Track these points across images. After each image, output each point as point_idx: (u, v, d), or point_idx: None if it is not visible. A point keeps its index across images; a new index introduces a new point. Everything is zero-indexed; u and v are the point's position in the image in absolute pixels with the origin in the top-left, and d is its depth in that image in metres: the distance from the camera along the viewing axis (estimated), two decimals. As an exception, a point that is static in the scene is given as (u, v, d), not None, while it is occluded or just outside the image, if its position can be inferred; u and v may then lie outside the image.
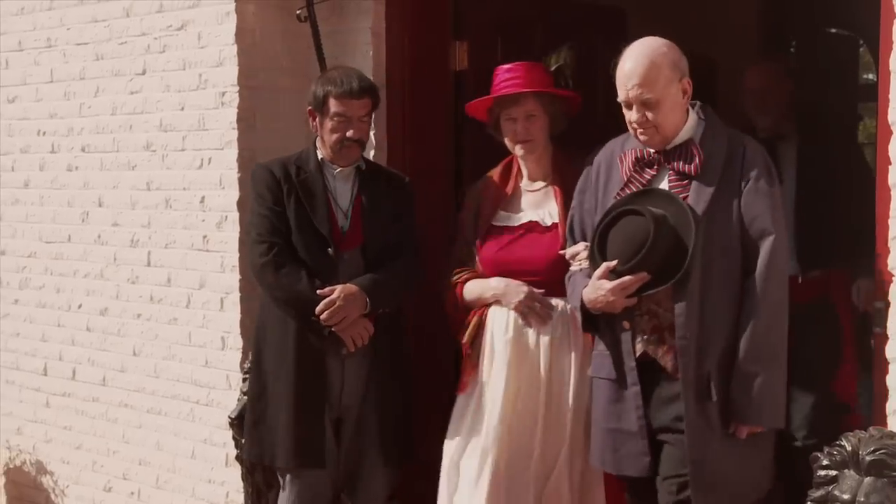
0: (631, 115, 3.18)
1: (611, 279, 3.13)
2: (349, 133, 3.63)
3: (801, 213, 4.21)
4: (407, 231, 3.77)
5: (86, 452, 4.99)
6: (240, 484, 4.11)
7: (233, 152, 4.28)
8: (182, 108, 4.47)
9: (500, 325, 3.57)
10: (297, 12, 4.16)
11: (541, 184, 3.66)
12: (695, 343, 3.09)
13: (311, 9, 4.12)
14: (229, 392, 4.27)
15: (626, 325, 3.20)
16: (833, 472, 2.70)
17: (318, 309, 3.54)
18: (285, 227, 3.66)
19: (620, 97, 3.17)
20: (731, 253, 3.11)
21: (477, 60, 4.74)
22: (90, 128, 4.83)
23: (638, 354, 3.19)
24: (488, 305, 3.62)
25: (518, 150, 3.62)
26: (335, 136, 3.66)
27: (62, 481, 5.12)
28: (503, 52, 4.96)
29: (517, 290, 3.54)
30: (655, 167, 3.23)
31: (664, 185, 3.20)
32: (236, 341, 4.27)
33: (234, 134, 4.27)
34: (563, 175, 3.59)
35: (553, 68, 3.72)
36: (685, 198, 3.13)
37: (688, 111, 3.23)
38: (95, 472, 4.96)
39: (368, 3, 4.24)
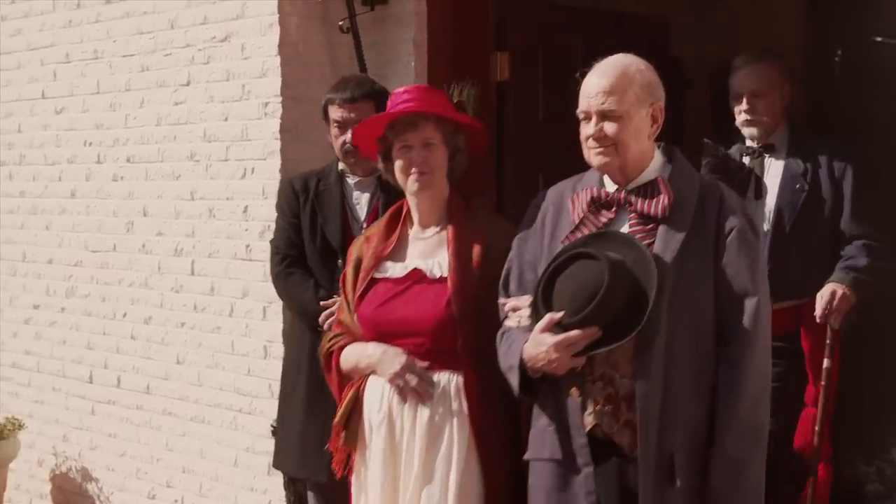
0: (587, 129, 2.72)
1: (555, 333, 2.61)
2: (347, 138, 3.56)
3: (777, 235, 3.84)
4: None
5: (130, 460, 5.04)
6: (282, 493, 4.12)
7: (275, 163, 4.31)
8: (225, 119, 4.51)
9: (374, 402, 3.03)
10: (340, 23, 4.19)
11: (433, 230, 3.10)
12: (657, 416, 2.59)
13: (354, 20, 4.15)
14: (271, 401, 4.29)
15: (574, 392, 2.67)
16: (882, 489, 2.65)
17: (320, 319, 3.54)
18: (300, 240, 3.71)
19: (580, 108, 2.74)
20: (702, 310, 2.65)
21: (519, 71, 4.75)
22: (135, 138, 4.88)
23: (591, 427, 2.66)
24: (367, 376, 3.08)
25: (411, 185, 3.05)
26: (337, 143, 3.66)
27: (107, 488, 5.17)
28: (545, 63, 4.97)
29: (393, 358, 2.97)
30: (614, 209, 2.74)
31: (624, 230, 2.72)
32: (279, 350, 4.29)
33: (277, 144, 4.30)
34: (459, 223, 3.06)
35: (455, 101, 3.23)
36: (650, 245, 2.65)
37: (654, 148, 2.79)
38: (140, 480, 5.00)
39: (410, 14, 4.25)
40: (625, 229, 2.71)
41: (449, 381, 2.95)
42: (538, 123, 4.98)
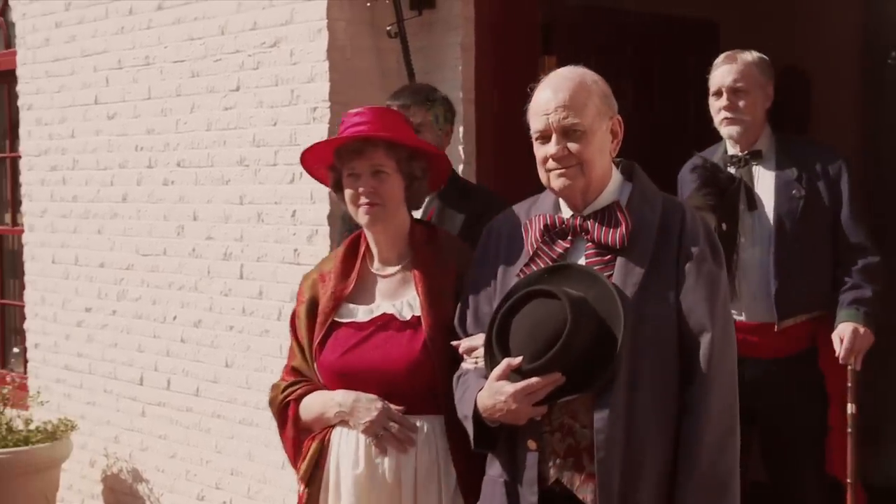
0: (547, 149, 2.46)
1: (513, 380, 2.36)
2: None
3: (781, 246, 3.58)
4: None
5: (180, 461, 5.08)
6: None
7: (324, 167, 4.33)
8: (274, 124, 4.53)
9: (347, 455, 2.72)
10: (388, 29, 4.20)
11: (396, 267, 2.82)
12: (619, 469, 2.34)
13: (402, 25, 4.15)
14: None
15: (531, 444, 2.41)
16: None
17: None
18: None
19: (535, 127, 2.48)
20: (666, 349, 2.38)
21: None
22: (186, 143, 4.93)
23: (551, 481, 2.41)
24: (332, 427, 2.77)
25: (361, 217, 2.76)
26: None
27: (157, 489, 5.22)
28: (593, 68, 4.94)
29: (368, 406, 2.69)
30: (570, 237, 2.49)
31: (581, 261, 2.47)
32: (326, 354, 4.30)
33: (325, 149, 4.32)
34: (425, 257, 2.79)
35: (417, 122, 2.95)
36: (608, 277, 2.41)
37: (612, 167, 2.52)
38: (189, 482, 5.04)
39: (458, 18, 4.25)
40: (581, 260, 2.47)
41: (432, 424, 2.69)
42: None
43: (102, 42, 5.32)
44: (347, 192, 2.77)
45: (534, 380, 2.34)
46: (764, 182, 3.66)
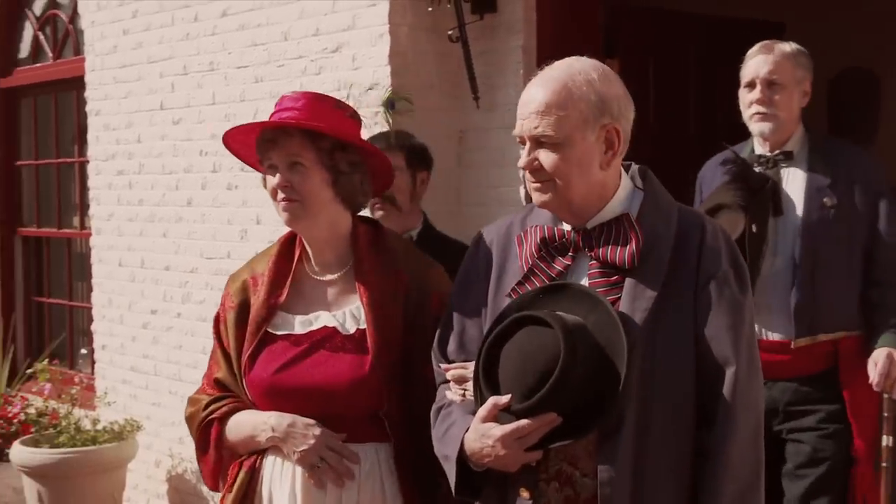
0: (522, 158, 2.16)
1: (502, 421, 2.05)
2: None
3: (806, 258, 3.29)
4: None
5: (242, 463, 5.12)
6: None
7: (385, 171, 4.34)
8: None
9: (282, 489, 2.41)
10: (449, 33, 4.20)
11: (336, 272, 2.49)
12: None
13: (463, 29, 4.15)
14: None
15: (524, 493, 2.10)
16: None
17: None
18: None
19: (515, 131, 2.18)
20: (683, 385, 2.07)
21: (628, 78, 4.68)
22: (249, 148, 4.97)
23: None
24: (262, 453, 2.46)
25: (283, 215, 2.44)
26: None
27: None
28: (655, 70, 4.91)
29: (305, 431, 2.37)
30: (570, 253, 2.16)
31: (583, 282, 2.14)
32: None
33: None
34: (370, 262, 2.46)
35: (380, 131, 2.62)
36: (615, 301, 2.08)
37: (620, 174, 2.19)
38: (251, 483, 5.08)
39: (520, 22, 4.24)
40: (584, 280, 2.14)
41: (377, 453, 2.39)
42: (648, 130, 4.92)
43: (168, 48, 5.39)
44: (268, 186, 2.46)
45: (524, 422, 2.02)
46: (793, 186, 3.36)
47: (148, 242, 5.62)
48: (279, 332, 2.46)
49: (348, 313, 2.44)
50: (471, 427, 2.11)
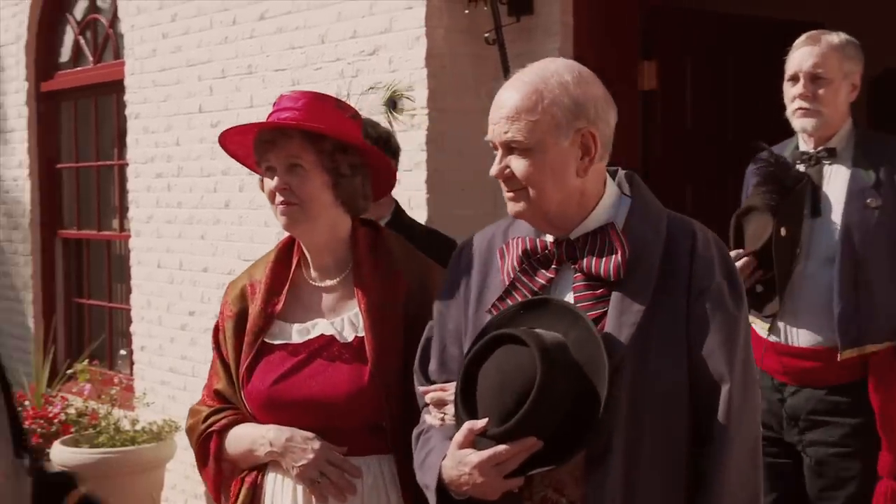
0: (493, 167, 2.06)
1: (480, 447, 1.93)
2: None
3: (847, 262, 3.10)
4: None
5: (279, 464, 5.15)
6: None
7: (421, 174, 4.35)
8: (373, 131, 4.57)
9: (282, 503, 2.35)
10: (486, 35, 4.20)
11: (335, 278, 2.41)
12: None
13: (500, 32, 4.15)
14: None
15: None
16: None
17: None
18: None
19: (486, 137, 2.10)
20: (672, 405, 1.95)
21: (666, 80, 4.67)
22: (287, 151, 4.99)
23: None
24: (263, 468, 2.40)
25: (279, 218, 2.37)
26: None
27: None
28: (693, 72, 4.88)
29: (304, 445, 2.29)
30: (554, 266, 2.04)
31: (568, 296, 2.02)
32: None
33: (423, 156, 4.34)
34: (369, 267, 2.38)
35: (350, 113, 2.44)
36: (601, 316, 1.97)
37: (604, 181, 2.07)
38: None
39: (557, 24, 4.23)
40: (569, 294, 2.01)
41: (380, 466, 2.31)
42: (687, 134, 4.89)
43: (206, 52, 5.43)
44: (266, 189, 2.38)
45: (501, 447, 1.89)
46: (835, 185, 3.18)
47: (186, 244, 5.66)
48: (276, 342, 2.39)
49: (346, 320, 2.36)
50: (448, 454, 1.99)
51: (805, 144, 3.26)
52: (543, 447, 1.89)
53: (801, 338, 3.20)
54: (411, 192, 4.38)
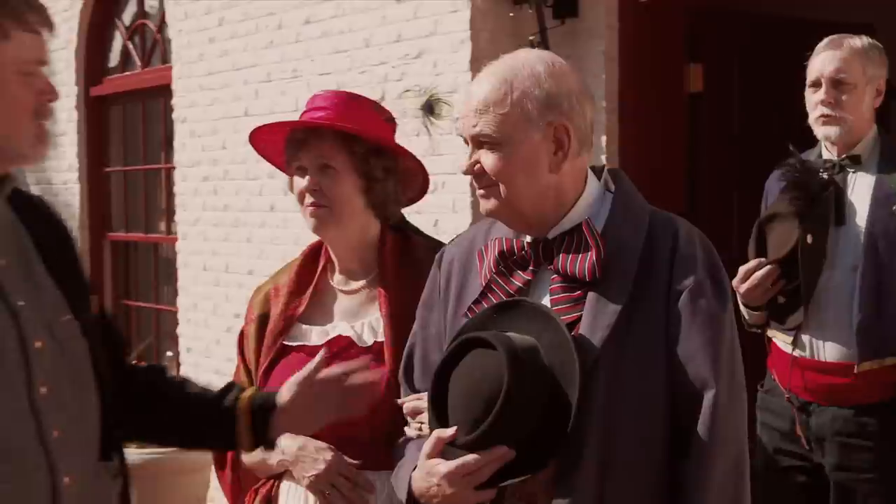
0: (462, 162, 2.00)
1: (449, 456, 1.85)
2: None
3: (871, 271, 2.97)
4: None
5: (323, 466, 5.17)
6: None
7: (466, 177, 4.34)
8: (417, 134, 4.56)
9: None
10: (531, 38, 4.19)
11: (361, 281, 2.36)
12: None
13: (544, 34, 4.14)
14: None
15: None
16: None
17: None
18: None
19: (456, 131, 2.04)
20: (652, 412, 1.85)
21: (713, 83, 4.65)
22: (331, 154, 5.02)
23: None
24: (278, 479, 2.34)
25: (307, 220, 2.35)
26: None
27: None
28: (740, 74, 4.85)
29: (315, 455, 2.22)
30: (531, 268, 1.95)
31: (545, 297, 1.93)
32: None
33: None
34: (394, 271, 2.32)
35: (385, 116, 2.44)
36: (577, 319, 1.88)
37: (585, 178, 1.97)
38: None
39: (602, 27, 4.22)
40: (545, 296, 1.92)
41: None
42: (733, 137, 4.86)
43: (252, 56, 5.47)
44: (295, 189, 2.35)
45: (471, 457, 1.81)
46: (859, 193, 3.07)
47: (232, 247, 5.71)
48: (294, 344, 2.34)
49: (367, 325, 2.30)
50: (417, 464, 1.90)
51: (828, 152, 3.15)
52: (516, 456, 1.81)
53: (828, 351, 3.06)
54: (455, 195, 4.38)
